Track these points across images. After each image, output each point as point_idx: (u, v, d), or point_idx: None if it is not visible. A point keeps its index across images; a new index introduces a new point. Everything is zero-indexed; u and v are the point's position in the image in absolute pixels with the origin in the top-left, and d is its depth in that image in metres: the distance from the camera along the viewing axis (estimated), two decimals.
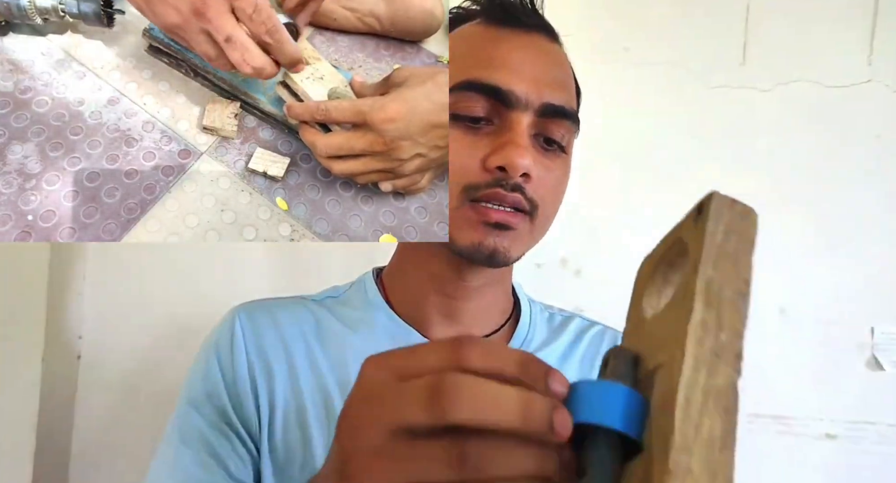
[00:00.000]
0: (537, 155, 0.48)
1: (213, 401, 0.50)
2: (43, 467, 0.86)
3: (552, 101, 0.48)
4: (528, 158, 0.46)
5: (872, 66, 1.05)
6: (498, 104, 0.47)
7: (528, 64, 0.48)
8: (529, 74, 0.48)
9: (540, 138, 0.49)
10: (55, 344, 0.89)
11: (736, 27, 1.06)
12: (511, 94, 0.46)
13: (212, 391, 0.51)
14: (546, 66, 0.50)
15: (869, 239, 1.04)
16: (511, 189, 0.46)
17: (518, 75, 0.47)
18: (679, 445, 0.21)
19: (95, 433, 0.93)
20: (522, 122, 0.47)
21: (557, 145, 0.50)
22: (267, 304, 0.56)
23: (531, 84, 0.47)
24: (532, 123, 0.47)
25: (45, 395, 0.86)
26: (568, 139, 0.51)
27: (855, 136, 1.05)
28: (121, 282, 0.95)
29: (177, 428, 0.50)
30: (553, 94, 0.48)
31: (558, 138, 0.49)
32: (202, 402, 0.51)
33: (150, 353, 0.93)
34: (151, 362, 0.93)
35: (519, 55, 0.49)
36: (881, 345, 1.03)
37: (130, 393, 0.93)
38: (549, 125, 0.48)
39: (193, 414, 0.50)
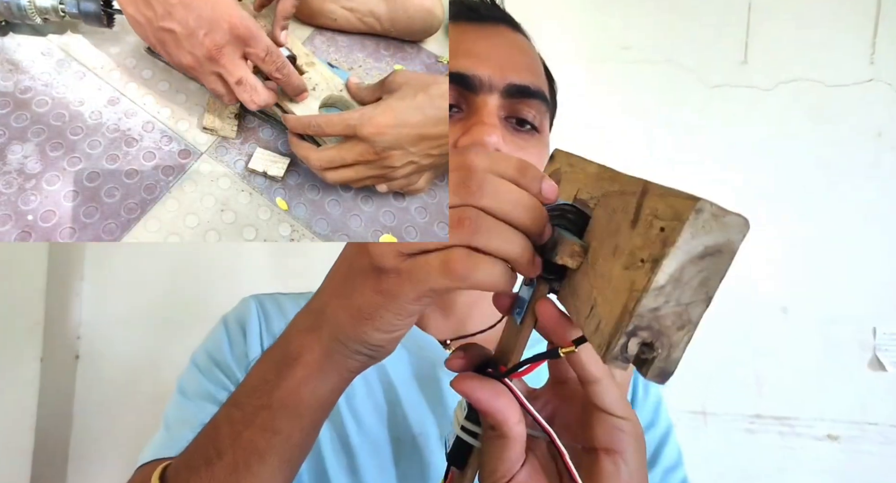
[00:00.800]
0: (509, 135, 0.49)
1: (220, 366, 0.54)
2: (41, 466, 0.86)
3: (515, 81, 0.49)
4: (496, 135, 0.47)
5: (874, 65, 1.05)
6: (464, 90, 0.49)
7: (491, 51, 0.50)
8: (492, 59, 0.49)
9: (512, 120, 0.50)
10: (54, 344, 0.89)
11: (737, 26, 1.06)
12: (474, 79, 0.48)
13: (217, 358, 0.55)
14: (509, 51, 0.52)
15: (871, 238, 1.04)
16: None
17: (481, 61, 0.49)
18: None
19: (94, 432, 0.93)
20: (488, 104, 0.48)
21: (530, 125, 0.51)
22: (275, 296, 0.61)
23: (494, 68, 0.49)
24: (500, 105, 0.49)
25: (43, 394, 0.86)
26: (540, 119, 0.52)
27: (856, 135, 1.05)
28: (120, 282, 0.95)
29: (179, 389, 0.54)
30: (517, 75, 0.50)
31: (530, 118, 0.51)
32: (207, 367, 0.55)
33: (149, 353, 0.93)
34: (149, 362, 0.93)
35: (482, 44, 0.51)
36: (883, 345, 1.03)
37: (129, 393, 0.93)
38: (517, 106, 0.50)
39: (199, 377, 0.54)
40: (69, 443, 0.93)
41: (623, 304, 0.23)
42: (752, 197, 1.05)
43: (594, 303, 0.26)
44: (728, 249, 0.23)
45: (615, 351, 0.23)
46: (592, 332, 0.25)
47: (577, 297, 0.28)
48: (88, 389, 0.94)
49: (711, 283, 0.23)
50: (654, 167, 1.05)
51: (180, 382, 0.55)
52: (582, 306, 0.27)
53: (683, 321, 0.23)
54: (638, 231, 0.25)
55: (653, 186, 0.25)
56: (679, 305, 0.23)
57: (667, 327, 0.23)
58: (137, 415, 0.92)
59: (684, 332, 0.23)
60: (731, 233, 0.23)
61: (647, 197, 0.25)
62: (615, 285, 0.24)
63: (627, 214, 0.26)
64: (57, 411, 0.91)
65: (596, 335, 0.25)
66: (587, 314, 0.26)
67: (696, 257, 0.23)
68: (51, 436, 0.90)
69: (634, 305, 0.23)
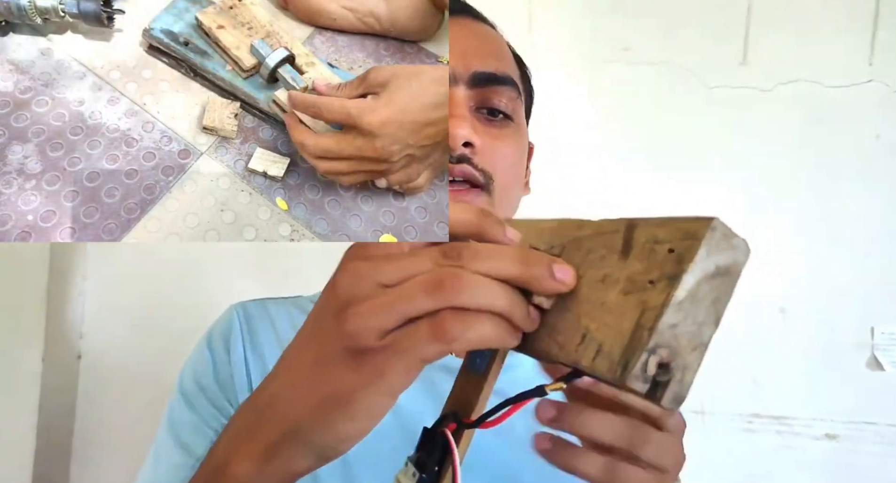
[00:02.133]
0: (481, 126, 0.48)
1: (206, 393, 0.52)
2: (44, 465, 0.86)
3: (479, 68, 0.49)
4: (465, 128, 0.46)
5: (873, 66, 1.05)
6: None
7: (453, 42, 0.49)
8: (456, 50, 0.48)
9: (483, 111, 0.49)
10: (56, 343, 0.89)
11: (736, 27, 1.06)
12: None
13: (204, 384, 0.52)
14: (472, 40, 0.51)
15: (869, 239, 1.04)
16: (457, 161, 0.47)
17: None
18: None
19: (96, 432, 0.93)
20: (456, 96, 0.47)
21: (503, 114, 0.50)
22: (263, 303, 0.58)
23: (458, 58, 0.48)
24: (468, 96, 0.48)
25: (45, 394, 0.86)
26: (512, 107, 0.51)
27: (855, 136, 1.05)
28: (121, 282, 0.95)
29: (167, 416, 0.52)
30: (481, 63, 0.49)
31: (501, 107, 0.50)
32: (194, 394, 0.52)
33: (151, 352, 0.94)
34: (151, 362, 0.93)
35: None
36: (881, 345, 1.03)
37: (131, 392, 0.93)
38: (486, 94, 0.49)
39: (183, 404, 0.52)
40: (71, 442, 0.93)
41: (635, 321, 0.23)
42: (751, 197, 1.05)
43: (586, 330, 0.25)
44: (735, 271, 0.24)
45: (636, 369, 0.22)
46: (592, 358, 0.24)
47: (556, 332, 0.27)
48: (91, 388, 0.94)
49: (720, 304, 0.24)
50: (654, 167, 1.06)
51: (170, 412, 0.52)
52: (567, 339, 0.26)
53: (696, 342, 0.23)
54: (634, 259, 0.25)
55: (640, 221, 0.26)
56: (694, 324, 0.23)
57: (682, 347, 0.23)
58: (140, 414, 0.92)
59: (697, 354, 0.23)
60: (738, 254, 0.24)
61: (636, 230, 0.26)
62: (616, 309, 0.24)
63: (611, 249, 0.26)
64: (59, 410, 0.92)
65: (601, 359, 0.24)
66: (578, 343, 0.25)
67: (709, 276, 0.23)
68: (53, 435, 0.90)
69: (654, 320, 0.22)
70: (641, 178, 1.05)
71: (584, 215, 0.30)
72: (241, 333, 0.54)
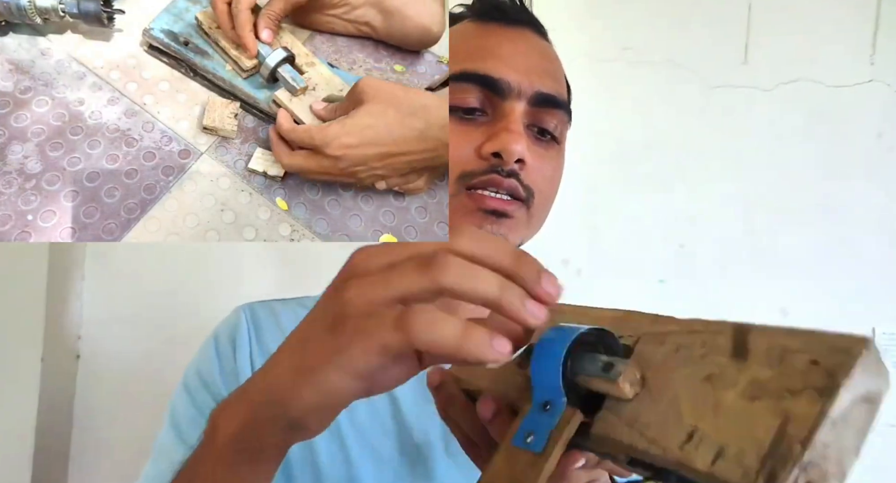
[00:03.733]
0: (531, 144, 0.49)
1: (210, 389, 0.52)
2: (42, 466, 0.86)
3: (543, 89, 0.49)
4: (522, 144, 0.46)
5: (874, 65, 1.05)
6: (491, 94, 0.48)
7: (518, 55, 0.49)
8: (520, 65, 0.49)
9: (534, 129, 0.50)
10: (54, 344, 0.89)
11: (737, 26, 1.06)
12: (503, 83, 0.47)
13: (208, 381, 0.52)
14: (536, 58, 0.51)
15: (870, 239, 1.04)
16: (507, 175, 0.47)
17: (509, 65, 0.48)
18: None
19: (95, 433, 0.93)
20: (516, 110, 0.48)
21: (551, 136, 0.51)
22: (270, 304, 0.58)
23: (522, 74, 0.48)
24: (525, 113, 0.49)
25: (44, 395, 0.86)
26: (560, 130, 0.52)
27: (856, 136, 1.05)
28: (120, 282, 0.95)
29: (170, 413, 0.52)
30: (544, 84, 0.49)
31: (551, 128, 0.50)
32: (197, 390, 0.52)
33: (150, 353, 0.94)
34: (150, 363, 0.93)
35: (510, 47, 0.50)
36: (882, 345, 1.03)
37: (129, 393, 0.93)
38: (541, 115, 0.49)
39: (187, 401, 0.52)
40: (70, 443, 0.93)
41: (775, 430, 0.21)
42: (751, 197, 1.05)
43: (693, 429, 0.23)
44: (878, 399, 0.21)
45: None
46: (711, 461, 0.22)
47: (642, 425, 0.25)
48: (89, 389, 0.94)
49: (863, 434, 0.21)
50: (655, 167, 1.05)
51: (172, 407, 0.53)
52: (662, 435, 0.24)
53: (840, 470, 0.21)
54: (755, 364, 0.23)
55: (754, 326, 0.24)
56: (840, 450, 0.21)
57: (829, 473, 0.21)
58: (139, 415, 0.92)
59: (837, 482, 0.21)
60: (882, 382, 0.21)
61: (751, 334, 0.24)
62: (741, 413, 0.22)
63: (716, 349, 0.24)
64: (58, 411, 0.91)
65: (726, 463, 0.21)
66: (683, 441, 0.23)
67: (858, 398, 0.21)
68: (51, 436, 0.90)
69: (809, 433, 0.20)
70: (642, 177, 1.05)
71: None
72: (247, 334, 0.54)
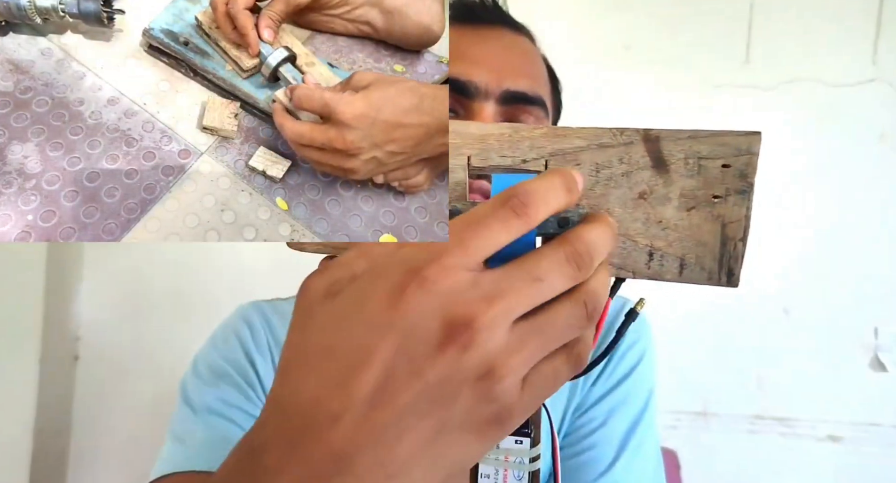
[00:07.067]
0: None
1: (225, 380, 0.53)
2: (40, 467, 0.86)
3: (513, 87, 0.49)
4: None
5: (877, 65, 1.05)
6: (460, 96, 0.48)
7: (488, 55, 0.50)
8: (490, 65, 0.49)
9: None
10: (53, 345, 0.89)
11: (739, 26, 1.06)
12: (469, 84, 0.48)
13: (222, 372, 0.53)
14: (507, 56, 0.51)
15: (872, 239, 1.04)
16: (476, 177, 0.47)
17: (477, 66, 0.49)
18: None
19: (93, 433, 0.93)
20: (484, 111, 0.48)
21: None
22: (273, 303, 0.59)
23: (491, 73, 0.48)
24: (497, 112, 0.49)
25: (42, 395, 0.86)
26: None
27: (859, 135, 1.05)
28: (119, 283, 0.95)
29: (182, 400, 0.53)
30: (514, 82, 0.49)
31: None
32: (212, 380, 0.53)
33: (148, 353, 0.93)
34: (149, 363, 0.93)
35: (479, 48, 0.50)
36: (885, 346, 1.02)
37: (128, 393, 0.93)
38: (514, 113, 0.50)
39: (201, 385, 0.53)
40: (68, 443, 0.93)
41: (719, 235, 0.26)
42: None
43: (652, 249, 0.27)
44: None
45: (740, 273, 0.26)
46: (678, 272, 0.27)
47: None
48: (88, 390, 0.94)
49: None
50: None
51: (184, 391, 0.54)
52: (625, 261, 0.27)
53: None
54: (678, 175, 0.26)
55: (661, 132, 0.26)
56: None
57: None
58: (137, 415, 0.92)
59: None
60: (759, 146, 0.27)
61: (662, 143, 0.26)
62: (682, 227, 0.26)
63: (635, 164, 0.26)
64: (56, 412, 0.92)
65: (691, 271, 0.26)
66: (647, 261, 0.27)
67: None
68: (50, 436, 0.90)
69: (744, 232, 0.26)
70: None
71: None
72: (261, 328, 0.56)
